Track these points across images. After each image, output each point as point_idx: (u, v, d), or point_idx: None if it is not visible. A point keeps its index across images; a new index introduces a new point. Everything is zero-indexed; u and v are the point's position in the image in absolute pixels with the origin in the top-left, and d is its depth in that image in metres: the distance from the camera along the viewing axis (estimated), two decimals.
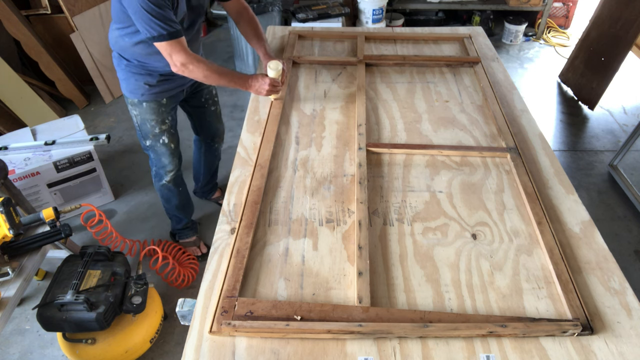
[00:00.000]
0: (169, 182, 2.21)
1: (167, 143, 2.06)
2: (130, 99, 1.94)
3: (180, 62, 1.62)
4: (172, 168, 2.16)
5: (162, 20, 1.52)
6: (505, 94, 1.90)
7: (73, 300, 1.70)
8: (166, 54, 1.61)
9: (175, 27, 1.56)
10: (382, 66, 2.08)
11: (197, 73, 1.66)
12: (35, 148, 2.50)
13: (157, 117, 1.98)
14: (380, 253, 1.26)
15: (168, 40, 1.56)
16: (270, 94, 1.73)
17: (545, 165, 1.55)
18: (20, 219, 1.72)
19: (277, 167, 1.54)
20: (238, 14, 1.96)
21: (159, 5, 1.51)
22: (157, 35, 1.54)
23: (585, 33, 3.66)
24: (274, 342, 1.05)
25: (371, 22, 4.19)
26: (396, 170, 1.53)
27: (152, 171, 2.23)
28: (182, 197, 2.32)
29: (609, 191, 2.91)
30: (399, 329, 1.04)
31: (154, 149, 2.08)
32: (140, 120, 1.99)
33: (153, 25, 1.52)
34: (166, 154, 2.10)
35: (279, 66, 1.69)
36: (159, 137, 2.04)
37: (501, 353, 1.03)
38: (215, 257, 1.24)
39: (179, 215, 2.38)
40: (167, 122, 2.03)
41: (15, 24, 3.14)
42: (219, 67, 1.71)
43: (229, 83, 1.73)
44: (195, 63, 1.64)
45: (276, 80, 1.71)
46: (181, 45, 1.60)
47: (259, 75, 1.73)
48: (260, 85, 1.71)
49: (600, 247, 1.28)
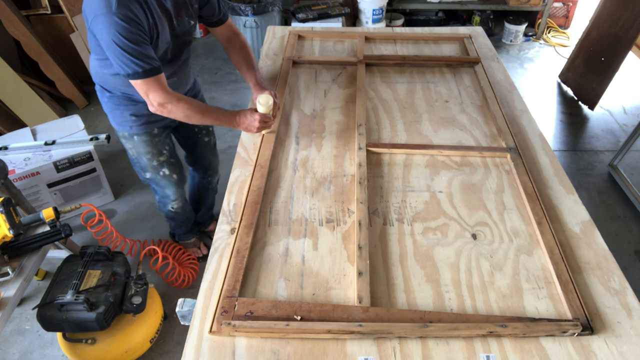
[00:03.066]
0: (175, 209, 2.14)
1: (168, 174, 1.95)
2: (120, 132, 1.82)
3: (158, 102, 1.48)
4: (177, 197, 2.08)
5: (137, 57, 1.38)
6: (505, 94, 1.90)
7: (73, 300, 1.70)
8: (142, 92, 1.47)
9: (152, 63, 1.42)
10: (382, 66, 2.08)
11: (177, 113, 1.51)
12: (35, 148, 2.50)
13: (152, 149, 1.85)
14: (380, 253, 1.26)
15: (144, 78, 1.42)
16: (261, 130, 1.58)
17: (545, 165, 1.55)
18: (20, 219, 1.72)
19: (277, 167, 1.54)
20: (228, 41, 1.81)
21: (134, 41, 1.37)
22: (132, 72, 1.40)
23: (585, 33, 3.66)
24: (274, 342, 1.05)
25: (371, 22, 4.19)
26: (396, 170, 1.53)
27: (155, 197, 2.15)
28: (186, 215, 2.25)
29: (609, 191, 2.91)
30: (399, 329, 1.04)
31: (155, 182, 1.98)
32: (135, 154, 1.88)
33: (127, 62, 1.38)
34: (169, 185, 1.99)
35: (270, 100, 1.54)
36: (159, 170, 1.92)
37: (501, 353, 1.03)
38: (215, 257, 1.24)
39: (181, 226, 2.34)
40: (165, 153, 1.90)
41: (15, 24, 3.14)
42: (202, 104, 1.58)
43: (214, 121, 1.59)
44: (175, 102, 1.49)
45: (267, 116, 1.56)
46: (159, 83, 1.45)
47: (247, 111, 1.57)
48: (250, 122, 1.55)
49: (600, 247, 1.28)
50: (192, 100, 1.54)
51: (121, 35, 1.34)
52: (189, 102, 1.53)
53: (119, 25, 1.33)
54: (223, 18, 1.76)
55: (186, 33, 1.64)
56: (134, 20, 1.36)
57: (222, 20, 1.76)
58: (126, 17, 1.34)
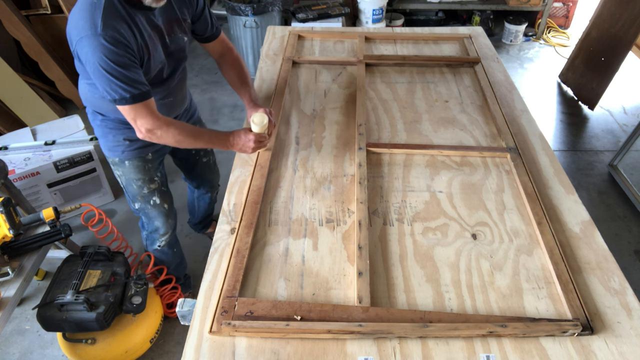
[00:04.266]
0: (163, 246, 1.98)
1: (159, 204, 1.84)
2: (110, 158, 1.72)
3: (146, 128, 1.39)
4: (166, 230, 1.93)
5: (124, 82, 1.29)
6: (505, 94, 1.90)
7: (73, 300, 1.70)
8: (129, 118, 1.39)
9: (141, 88, 1.33)
10: (382, 66, 2.08)
11: (167, 139, 1.43)
12: (35, 148, 2.50)
13: (143, 176, 1.75)
14: (380, 253, 1.26)
15: (132, 103, 1.33)
16: (256, 150, 1.51)
17: (545, 165, 1.55)
18: (20, 219, 1.72)
19: (277, 167, 1.54)
20: (221, 56, 1.73)
21: (122, 64, 1.28)
22: (119, 98, 1.32)
23: (585, 33, 3.66)
24: (274, 342, 1.05)
25: (371, 22, 4.18)
26: (396, 170, 1.53)
27: (142, 234, 2.01)
28: (176, 258, 2.11)
29: (609, 191, 2.91)
30: (399, 329, 1.04)
31: (145, 212, 1.86)
32: (125, 181, 1.77)
33: (114, 87, 1.30)
34: (159, 216, 1.88)
35: (264, 119, 1.45)
36: (149, 198, 1.81)
37: (501, 353, 1.03)
38: (215, 257, 1.24)
39: (172, 274, 2.14)
40: (157, 180, 1.79)
41: (15, 24, 3.14)
42: (193, 128, 1.50)
43: (206, 144, 1.52)
44: (164, 128, 1.41)
45: (262, 135, 1.48)
46: (147, 108, 1.37)
47: (241, 131, 1.49)
48: (244, 143, 1.47)
49: (600, 247, 1.28)
50: (182, 125, 1.46)
51: (108, 59, 1.26)
52: (179, 126, 1.44)
53: (105, 47, 1.25)
54: (216, 33, 1.68)
55: (180, 50, 1.57)
56: (122, 42, 1.28)
57: (215, 35, 1.68)
58: (113, 39, 1.26)
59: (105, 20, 1.26)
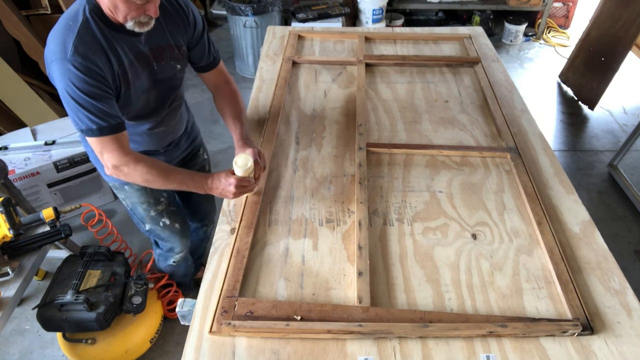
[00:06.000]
0: (177, 262, 1.92)
1: (169, 224, 1.75)
2: (111, 183, 1.63)
3: (112, 164, 1.27)
4: (182, 249, 1.86)
5: (92, 113, 1.19)
6: (505, 94, 1.90)
7: (73, 300, 1.70)
8: (96, 151, 1.27)
9: (110, 120, 1.22)
10: (382, 66, 2.08)
11: (135, 177, 1.30)
12: (35, 148, 2.50)
13: (147, 199, 1.66)
14: (380, 253, 1.25)
15: (98, 136, 1.22)
16: (239, 195, 1.32)
17: (545, 165, 1.55)
18: (20, 219, 1.72)
19: (277, 167, 1.54)
20: (217, 88, 1.58)
21: (91, 94, 1.18)
22: (85, 129, 1.21)
23: (585, 33, 3.66)
24: (274, 342, 1.05)
25: (371, 22, 4.19)
26: (396, 170, 1.53)
27: (154, 251, 1.92)
28: (188, 269, 2.08)
29: (609, 191, 2.91)
30: (399, 329, 1.04)
31: (156, 234, 1.78)
32: (130, 204, 1.69)
33: (80, 117, 1.20)
34: (172, 237, 1.79)
35: (249, 162, 1.27)
36: (158, 220, 1.72)
37: (501, 353, 1.03)
38: (215, 257, 1.24)
39: (181, 280, 2.13)
40: (163, 201, 1.70)
41: (15, 24, 3.14)
42: (167, 167, 1.35)
43: (180, 186, 1.35)
44: (132, 165, 1.27)
45: (246, 179, 1.30)
46: (116, 142, 1.25)
47: (222, 174, 1.31)
48: (224, 187, 1.29)
49: (600, 247, 1.28)
50: (154, 163, 1.32)
51: (75, 86, 1.16)
52: (149, 164, 1.30)
53: (73, 74, 1.15)
54: (213, 62, 1.55)
55: (172, 78, 1.43)
56: (93, 70, 1.17)
57: (213, 65, 1.55)
58: (83, 66, 1.16)
59: (76, 45, 1.16)
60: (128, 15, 1.17)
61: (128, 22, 1.19)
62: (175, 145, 1.68)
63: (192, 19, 1.41)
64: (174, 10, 1.37)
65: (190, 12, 1.40)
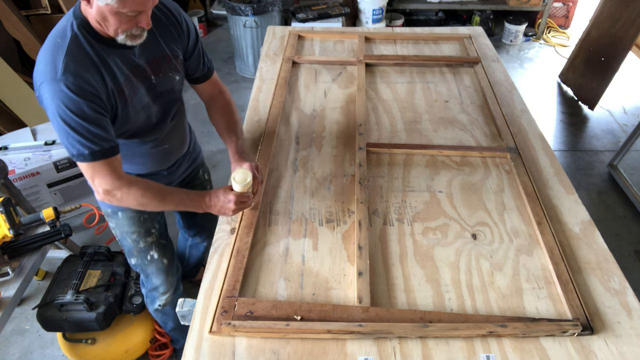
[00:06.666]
0: (164, 306, 1.74)
1: (157, 259, 1.63)
2: (103, 209, 1.55)
3: (104, 189, 1.20)
4: (167, 289, 1.70)
5: (84, 136, 1.12)
6: (505, 94, 1.90)
7: (73, 300, 1.70)
8: (87, 176, 1.21)
9: (102, 144, 1.15)
10: (382, 66, 2.08)
11: (128, 201, 1.23)
12: (35, 148, 2.50)
13: (138, 229, 1.56)
14: (380, 253, 1.25)
15: (90, 161, 1.15)
16: (238, 212, 1.28)
17: (545, 165, 1.55)
18: (20, 219, 1.72)
19: (277, 167, 1.54)
20: (211, 99, 1.51)
21: (84, 116, 1.10)
22: (77, 153, 1.14)
23: (585, 33, 3.66)
24: (274, 342, 1.05)
25: (371, 22, 4.19)
26: (396, 170, 1.53)
27: (142, 291, 1.78)
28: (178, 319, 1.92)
29: (609, 191, 2.91)
30: (399, 329, 1.04)
31: (142, 269, 1.66)
32: (119, 234, 1.59)
33: (71, 141, 1.12)
34: (157, 274, 1.66)
35: (248, 177, 1.23)
36: (146, 253, 1.61)
37: (501, 353, 1.03)
38: (215, 257, 1.24)
39: (176, 336, 1.97)
40: (154, 232, 1.60)
41: (15, 24, 3.14)
42: (162, 188, 1.28)
43: (177, 207, 1.29)
44: (125, 189, 1.21)
45: (245, 195, 1.26)
46: (109, 167, 1.18)
47: (219, 190, 1.26)
48: (223, 204, 1.25)
49: (600, 247, 1.28)
50: (147, 185, 1.25)
51: (67, 108, 1.09)
52: (143, 187, 1.23)
53: (64, 95, 1.08)
54: (207, 74, 1.48)
55: (171, 91, 1.37)
56: (86, 89, 1.10)
57: (207, 76, 1.48)
58: (75, 85, 1.09)
59: (67, 63, 1.09)
60: (119, 29, 1.10)
61: (119, 36, 1.12)
62: (178, 166, 1.62)
63: (185, 28, 1.35)
64: (166, 19, 1.30)
65: (183, 21, 1.34)
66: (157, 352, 2.00)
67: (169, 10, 1.30)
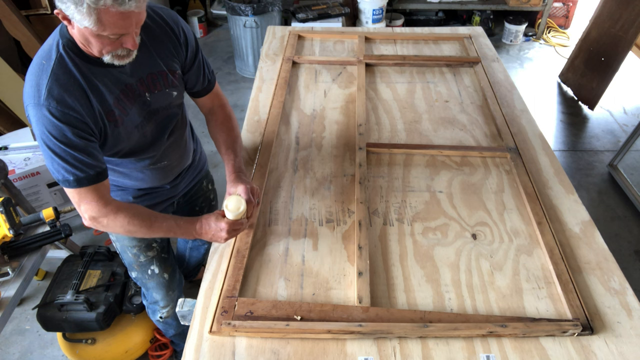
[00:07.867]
0: (166, 318, 1.73)
1: (157, 274, 1.60)
2: None
3: (90, 215, 1.16)
4: (167, 304, 1.69)
5: (68, 163, 1.08)
6: (505, 94, 1.90)
7: (73, 300, 1.70)
8: (73, 202, 1.17)
9: (88, 171, 1.11)
10: (382, 66, 2.08)
11: (115, 228, 1.19)
12: (35, 148, 2.50)
13: (139, 243, 1.53)
14: (380, 253, 1.26)
15: (75, 187, 1.11)
16: (230, 239, 1.23)
17: (545, 165, 1.55)
18: (20, 219, 1.72)
19: (277, 167, 1.54)
20: (210, 112, 1.45)
21: (69, 143, 1.06)
22: (62, 179, 1.11)
23: (585, 33, 3.66)
24: (274, 342, 1.05)
25: (371, 22, 4.19)
26: (396, 170, 1.53)
27: (143, 302, 1.78)
28: (182, 326, 1.85)
29: (609, 191, 2.91)
30: (399, 329, 1.04)
31: (142, 282, 1.64)
32: (119, 248, 1.56)
33: (56, 167, 1.09)
34: (158, 288, 1.64)
35: (241, 205, 1.17)
36: (146, 268, 1.59)
37: (501, 353, 1.03)
38: (215, 257, 1.24)
39: (177, 341, 1.97)
40: (155, 246, 1.57)
41: (15, 24, 3.14)
42: (151, 214, 1.21)
43: (166, 233, 1.23)
44: (112, 216, 1.16)
45: (238, 222, 1.19)
46: (95, 193, 1.14)
47: (211, 217, 1.20)
48: (215, 232, 1.19)
49: (600, 247, 1.28)
50: (136, 211, 1.19)
51: (50, 135, 1.05)
52: (130, 213, 1.18)
53: (48, 121, 1.04)
54: (208, 87, 1.41)
55: (168, 107, 1.30)
56: (70, 115, 1.05)
57: (207, 90, 1.41)
58: (58, 111, 1.04)
59: (50, 87, 1.04)
60: (103, 50, 1.04)
61: (105, 56, 1.06)
62: (182, 180, 1.57)
63: (183, 39, 1.26)
64: (161, 30, 1.21)
65: (180, 31, 1.25)
66: (157, 352, 2.00)
67: (164, 22, 1.22)
